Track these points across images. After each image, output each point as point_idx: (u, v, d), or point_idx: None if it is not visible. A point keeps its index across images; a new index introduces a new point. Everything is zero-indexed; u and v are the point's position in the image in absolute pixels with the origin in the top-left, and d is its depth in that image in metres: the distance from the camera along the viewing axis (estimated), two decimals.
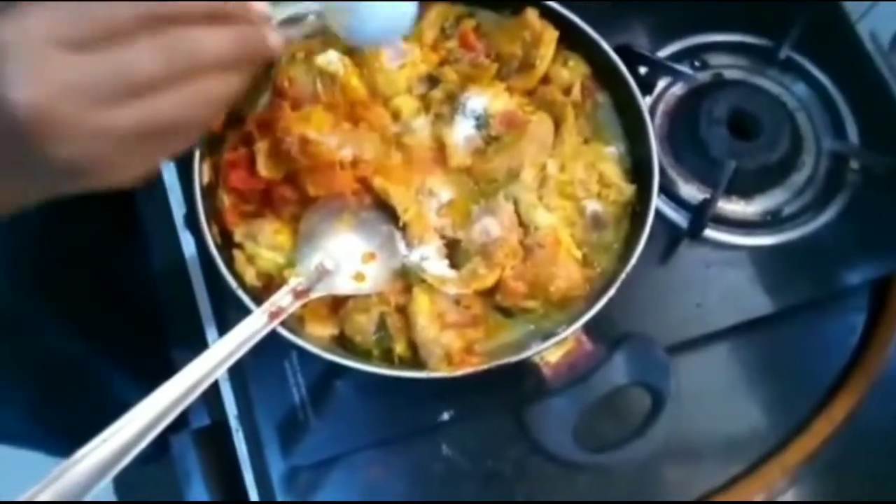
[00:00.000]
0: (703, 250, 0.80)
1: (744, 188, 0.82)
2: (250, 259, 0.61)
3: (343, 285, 0.60)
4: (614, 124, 0.69)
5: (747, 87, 0.85)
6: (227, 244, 0.62)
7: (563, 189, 0.64)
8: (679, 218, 0.80)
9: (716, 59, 0.87)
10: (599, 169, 0.65)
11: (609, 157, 0.66)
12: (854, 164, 0.83)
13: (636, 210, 0.65)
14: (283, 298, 0.57)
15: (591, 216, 0.64)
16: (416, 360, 0.61)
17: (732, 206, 0.82)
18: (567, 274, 0.60)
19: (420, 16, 0.68)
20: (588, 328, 0.60)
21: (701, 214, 0.77)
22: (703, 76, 0.85)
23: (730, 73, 0.87)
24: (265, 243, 0.61)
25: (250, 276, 0.61)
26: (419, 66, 0.68)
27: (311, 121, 0.63)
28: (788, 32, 0.86)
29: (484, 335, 0.62)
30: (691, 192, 0.81)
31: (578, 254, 0.63)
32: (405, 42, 0.68)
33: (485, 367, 0.56)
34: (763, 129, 0.82)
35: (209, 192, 0.62)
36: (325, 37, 0.63)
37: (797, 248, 0.81)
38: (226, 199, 0.63)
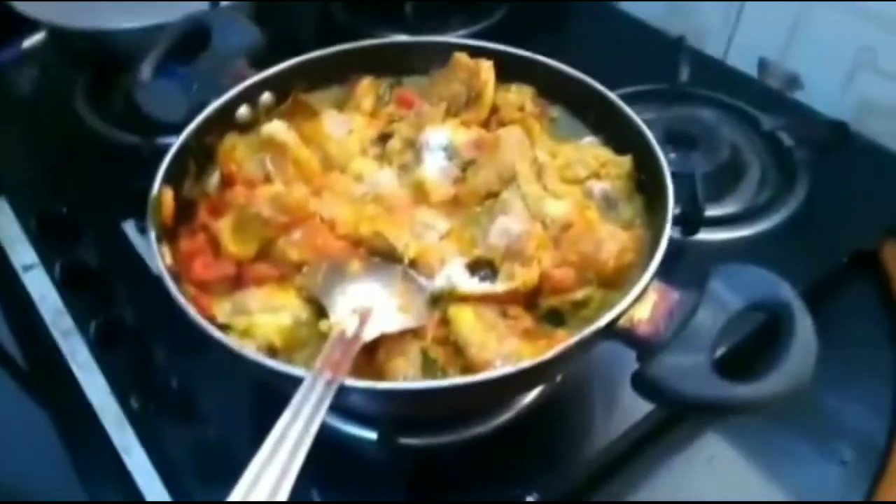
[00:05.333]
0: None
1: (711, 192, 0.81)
2: (246, 333, 0.48)
3: (392, 321, 0.50)
4: (579, 128, 0.66)
5: (664, 117, 0.88)
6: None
7: (563, 173, 0.59)
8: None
9: None
10: (589, 152, 0.60)
11: (591, 144, 0.63)
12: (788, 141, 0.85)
13: (642, 179, 0.60)
14: (333, 352, 0.45)
15: (601, 196, 0.58)
16: None
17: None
18: (613, 235, 0.52)
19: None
20: None
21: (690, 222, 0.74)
22: None
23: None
24: (261, 309, 0.49)
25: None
26: (367, 131, 0.65)
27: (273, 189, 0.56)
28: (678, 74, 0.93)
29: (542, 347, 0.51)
30: None
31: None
32: (344, 113, 0.65)
33: (577, 339, 0.45)
34: (699, 141, 0.84)
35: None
36: None
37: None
38: (193, 292, 0.51)
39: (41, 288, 0.80)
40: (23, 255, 0.84)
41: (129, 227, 0.76)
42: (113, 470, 0.66)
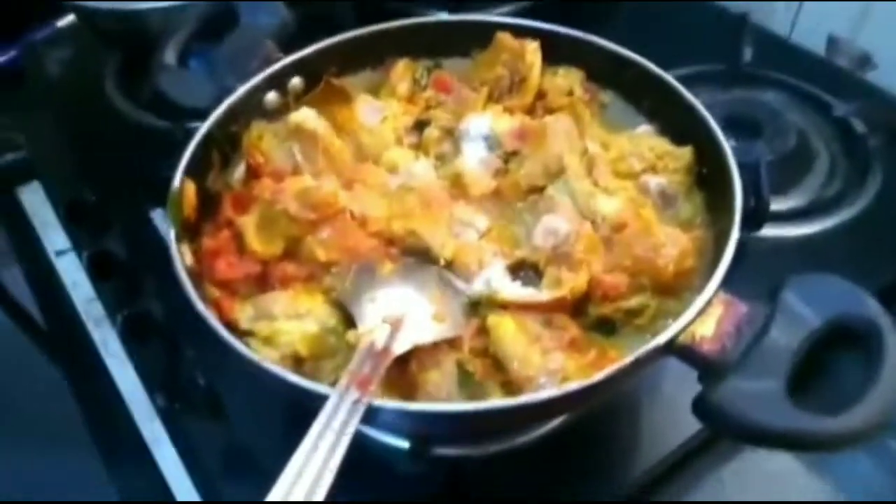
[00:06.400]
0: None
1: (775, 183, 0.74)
2: (269, 341, 0.45)
3: (426, 331, 0.46)
4: (632, 115, 0.61)
5: (724, 100, 0.82)
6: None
7: (617, 167, 0.54)
8: None
9: None
10: (645, 142, 0.55)
11: (646, 134, 0.57)
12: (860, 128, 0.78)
13: (703, 172, 0.55)
14: (363, 366, 0.41)
15: (657, 192, 0.53)
16: None
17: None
18: (673, 238, 0.47)
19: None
20: None
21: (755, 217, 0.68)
22: None
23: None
24: (285, 314, 0.45)
25: (273, 362, 0.44)
26: (402, 119, 0.60)
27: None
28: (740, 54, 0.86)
29: (590, 363, 0.46)
30: None
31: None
32: (380, 98, 0.61)
33: (631, 358, 0.40)
34: (763, 127, 0.78)
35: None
36: None
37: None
38: (215, 293, 0.48)
39: (74, 274, 0.79)
40: (55, 240, 0.83)
41: (158, 216, 0.74)
42: (141, 462, 0.64)
